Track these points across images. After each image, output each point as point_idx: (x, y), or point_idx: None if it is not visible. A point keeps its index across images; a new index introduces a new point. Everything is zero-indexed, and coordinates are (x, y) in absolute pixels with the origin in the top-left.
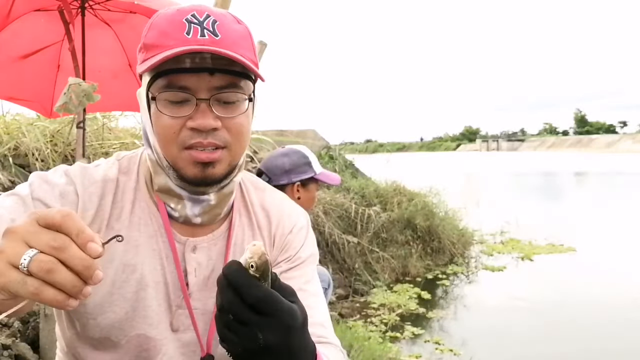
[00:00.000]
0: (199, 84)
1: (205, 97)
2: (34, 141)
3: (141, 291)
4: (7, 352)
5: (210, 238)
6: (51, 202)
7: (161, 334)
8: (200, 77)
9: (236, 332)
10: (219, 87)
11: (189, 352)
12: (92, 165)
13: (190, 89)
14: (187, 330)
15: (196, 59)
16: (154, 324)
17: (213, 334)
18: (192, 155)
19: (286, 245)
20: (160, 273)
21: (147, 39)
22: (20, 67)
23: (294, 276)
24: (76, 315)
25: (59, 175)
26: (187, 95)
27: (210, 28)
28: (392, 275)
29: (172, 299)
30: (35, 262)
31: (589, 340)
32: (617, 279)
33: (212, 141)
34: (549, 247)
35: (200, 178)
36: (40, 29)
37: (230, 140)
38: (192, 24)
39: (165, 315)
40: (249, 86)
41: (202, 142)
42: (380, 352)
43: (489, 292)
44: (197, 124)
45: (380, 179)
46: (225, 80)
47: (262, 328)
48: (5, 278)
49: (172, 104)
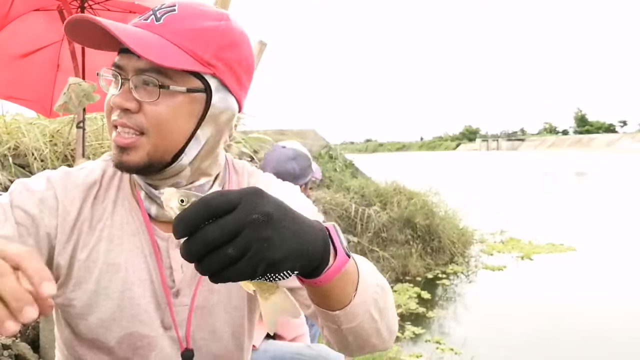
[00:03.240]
0: (128, 64)
1: (127, 77)
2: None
3: (127, 290)
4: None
5: None
6: (30, 208)
7: (155, 330)
8: (130, 58)
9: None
10: (143, 69)
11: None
12: (76, 169)
13: (121, 68)
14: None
15: None
16: (146, 322)
17: (190, 328)
18: (115, 137)
19: None
20: (145, 271)
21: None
22: (19, 67)
23: None
24: (67, 316)
25: (39, 182)
26: (115, 73)
27: (160, 15)
28: (392, 275)
29: (160, 297)
30: None
31: (589, 339)
32: (617, 278)
33: (126, 122)
34: (549, 246)
35: (116, 162)
36: (39, 28)
37: (146, 127)
38: (157, 11)
39: (155, 312)
40: (186, 79)
41: (117, 121)
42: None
43: (489, 291)
44: (113, 101)
45: (380, 179)
46: (152, 64)
47: (250, 208)
48: None
49: (109, 82)
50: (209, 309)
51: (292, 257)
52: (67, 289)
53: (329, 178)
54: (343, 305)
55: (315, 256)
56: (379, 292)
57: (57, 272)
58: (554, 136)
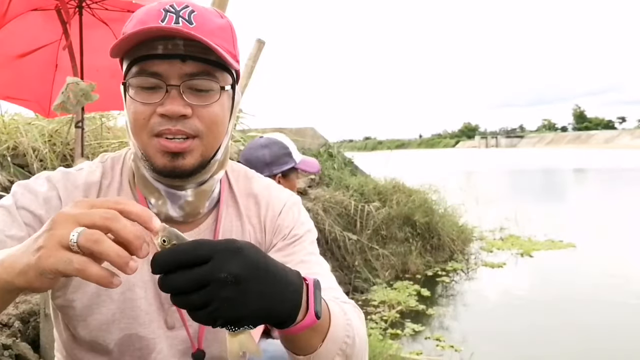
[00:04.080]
0: (171, 70)
1: (175, 84)
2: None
3: (128, 291)
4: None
5: (196, 233)
6: (36, 209)
7: (154, 332)
8: (172, 64)
9: (205, 297)
10: (191, 74)
11: (186, 349)
12: (75, 170)
13: (161, 75)
14: (182, 328)
15: (168, 45)
16: (145, 323)
17: (204, 330)
18: (160, 143)
19: (278, 227)
20: (147, 272)
21: (125, 28)
22: (17, 67)
23: (293, 252)
24: (67, 318)
25: (40, 183)
26: (158, 81)
27: (186, 17)
28: (392, 273)
29: (163, 297)
30: (83, 235)
31: (588, 336)
32: (616, 274)
33: (181, 129)
34: (549, 243)
35: (169, 169)
36: (37, 28)
37: (202, 130)
38: (169, 13)
39: (157, 313)
40: (225, 77)
41: (171, 130)
42: (380, 349)
43: (489, 288)
44: (166, 109)
45: (380, 177)
46: (198, 67)
47: (217, 267)
48: (53, 258)
49: (144, 90)
50: None
51: (253, 317)
52: (68, 290)
53: (328, 176)
54: (307, 353)
55: (280, 317)
56: (349, 343)
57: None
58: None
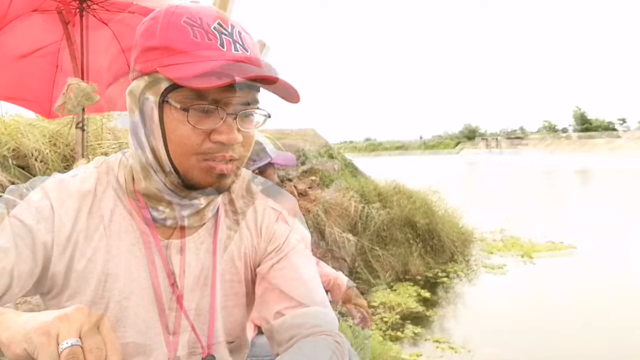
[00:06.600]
0: (229, 98)
1: (232, 112)
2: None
3: (124, 300)
4: None
5: (196, 237)
6: (26, 218)
7: (150, 338)
8: (230, 92)
9: None
10: (245, 102)
11: (187, 354)
12: (69, 176)
13: (219, 102)
14: (184, 332)
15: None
16: (142, 330)
17: (213, 334)
18: (210, 165)
19: (274, 234)
20: (145, 279)
21: (169, 41)
22: (18, 68)
23: (284, 266)
24: None
25: (34, 191)
26: (216, 108)
27: (240, 42)
28: (392, 274)
29: (163, 303)
30: (69, 351)
31: (588, 337)
32: (617, 277)
33: (232, 155)
34: (549, 245)
35: (214, 187)
36: (38, 29)
37: (244, 154)
38: (223, 35)
39: (155, 320)
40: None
41: (225, 156)
42: (380, 351)
43: (490, 290)
44: (226, 138)
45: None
46: (249, 96)
47: None
48: (45, 348)
49: (199, 115)
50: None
51: None
52: (62, 299)
53: (329, 178)
54: None
55: None
56: None
57: (52, 282)
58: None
